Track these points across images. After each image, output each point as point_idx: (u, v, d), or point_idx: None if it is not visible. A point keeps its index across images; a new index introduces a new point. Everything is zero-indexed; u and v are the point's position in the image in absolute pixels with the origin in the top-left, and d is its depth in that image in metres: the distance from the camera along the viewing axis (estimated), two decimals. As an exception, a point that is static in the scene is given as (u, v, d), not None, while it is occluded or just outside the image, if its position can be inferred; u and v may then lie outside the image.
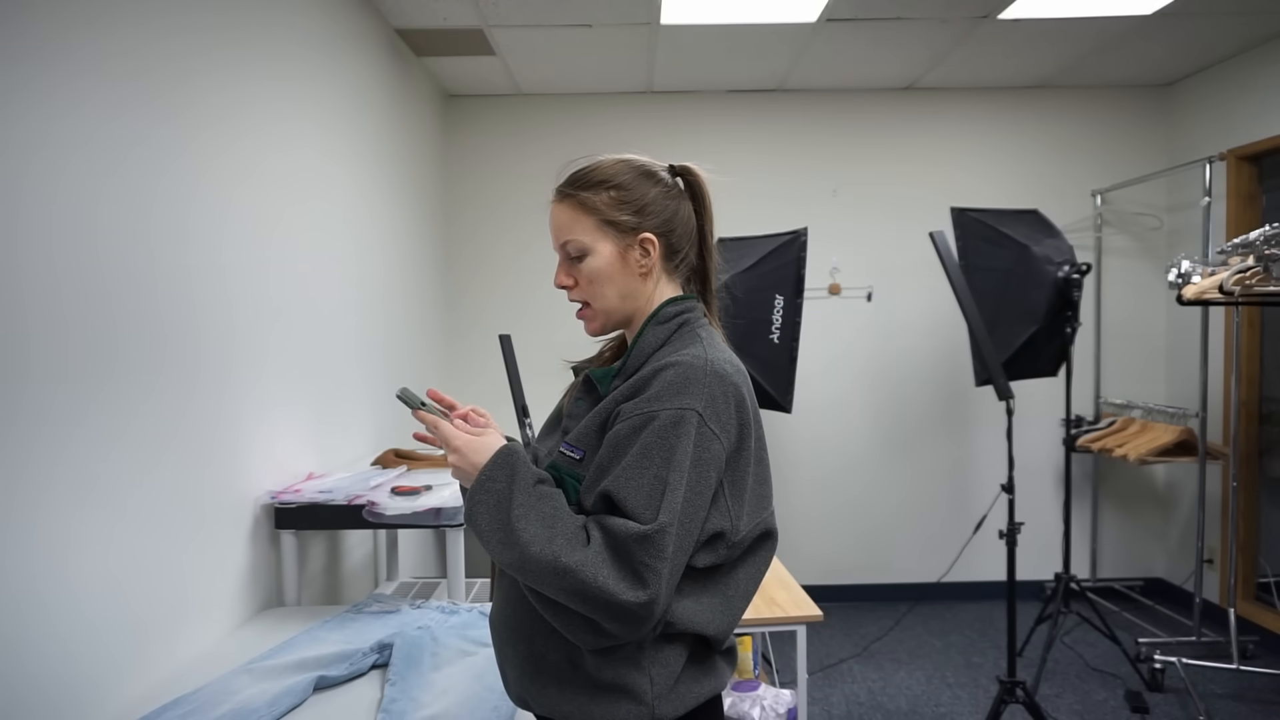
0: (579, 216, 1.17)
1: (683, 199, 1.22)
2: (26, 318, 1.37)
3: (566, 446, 1.13)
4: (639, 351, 1.16)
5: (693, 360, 1.09)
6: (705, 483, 1.05)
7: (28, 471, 1.37)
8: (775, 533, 1.20)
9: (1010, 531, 2.87)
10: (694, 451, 1.04)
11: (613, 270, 1.17)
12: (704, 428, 1.05)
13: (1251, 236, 2.64)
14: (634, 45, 3.68)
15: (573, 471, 1.11)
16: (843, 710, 3.23)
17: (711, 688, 1.14)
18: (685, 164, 1.24)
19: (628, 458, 1.04)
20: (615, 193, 1.16)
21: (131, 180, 1.66)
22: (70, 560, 1.47)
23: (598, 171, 1.19)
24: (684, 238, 1.21)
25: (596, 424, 1.12)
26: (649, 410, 1.05)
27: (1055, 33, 3.63)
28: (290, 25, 2.44)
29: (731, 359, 1.16)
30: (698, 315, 1.20)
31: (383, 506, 2.17)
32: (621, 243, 1.17)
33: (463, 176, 4.36)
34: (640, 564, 0.99)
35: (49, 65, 1.43)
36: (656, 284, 1.20)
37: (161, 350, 1.76)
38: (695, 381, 1.07)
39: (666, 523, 1.00)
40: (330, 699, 1.65)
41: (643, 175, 1.19)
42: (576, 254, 1.18)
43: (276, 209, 2.33)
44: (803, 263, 3.22)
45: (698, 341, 1.13)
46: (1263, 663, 3.49)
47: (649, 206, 1.17)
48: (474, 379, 4.34)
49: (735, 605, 1.15)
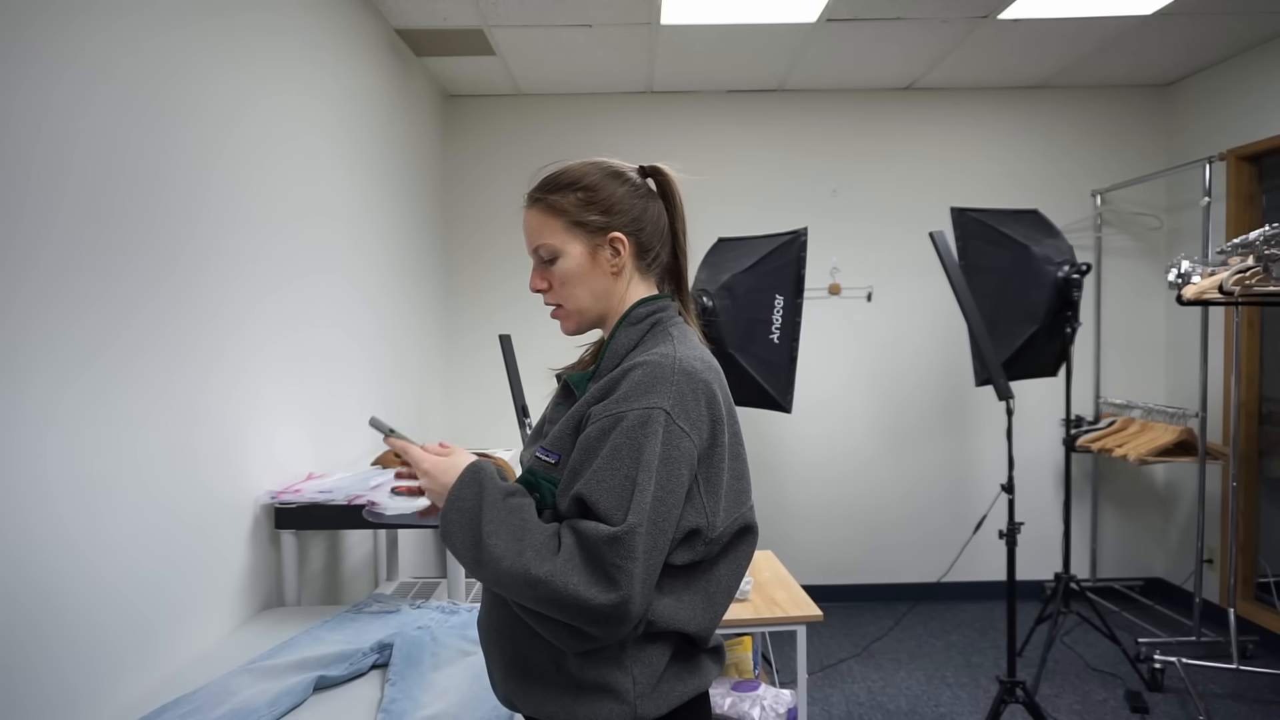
0: (548, 220, 1.19)
1: (652, 198, 1.22)
2: (29, 322, 1.38)
3: (542, 451, 1.15)
4: (612, 354, 1.17)
5: (660, 359, 1.09)
6: (676, 480, 1.05)
7: (28, 469, 1.37)
8: (755, 528, 1.21)
9: (1010, 531, 2.87)
10: (662, 450, 1.04)
11: (584, 271, 1.18)
12: (672, 425, 1.06)
13: (1251, 236, 2.64)
14: (634, 45, 3.68)
15: (549, 475, 1.12)
16: (843, 710, 3.23)
17: (696, 686, 1.15)
18: (655, 164, 1.24)
19: (598, 460, 1.05)
20: (583, 194, 1.18)
21: (132, 180, 1.66)
22: (70, 560, 1.47)
23: (565, 175, 1.20)
24: (655, 236, 1.22)
25: (570, 427, 1.13)
26: (617, 411, 1.06)
27: (1055, 33, 3.63)
28: (290, 25, 2.44)
29: (703, 356, 1.16)
30: (670, 314, 1.21)
31: (383, 506, 2.16)
32: (591, 243, 1.18)
33: (463, 176, 4.36)
34: (611, 565, 1.00)
35: (49, 65, 1.43)
36: (629, 283, 1.21)
37: (161, 350, 1.76)
38: (662, 380, 1.07)
39: (635, 523, 1.01)
40: (330, 699, 1.65)
41: (610, 176, 1.20)
42: (549, 257, 1.19)
43: (276, 208, 2.33)
44: (803, 263, 3.22)
45: (668, 340, 1.14)
46: (1263, 663, 3.50)
47: (616, 205, 1.18)
48: (474, 379, 4.34)
49: (717, 602, 1.15)
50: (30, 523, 1.38)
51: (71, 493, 1.47)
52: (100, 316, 1.56)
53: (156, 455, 1.73)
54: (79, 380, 1.50)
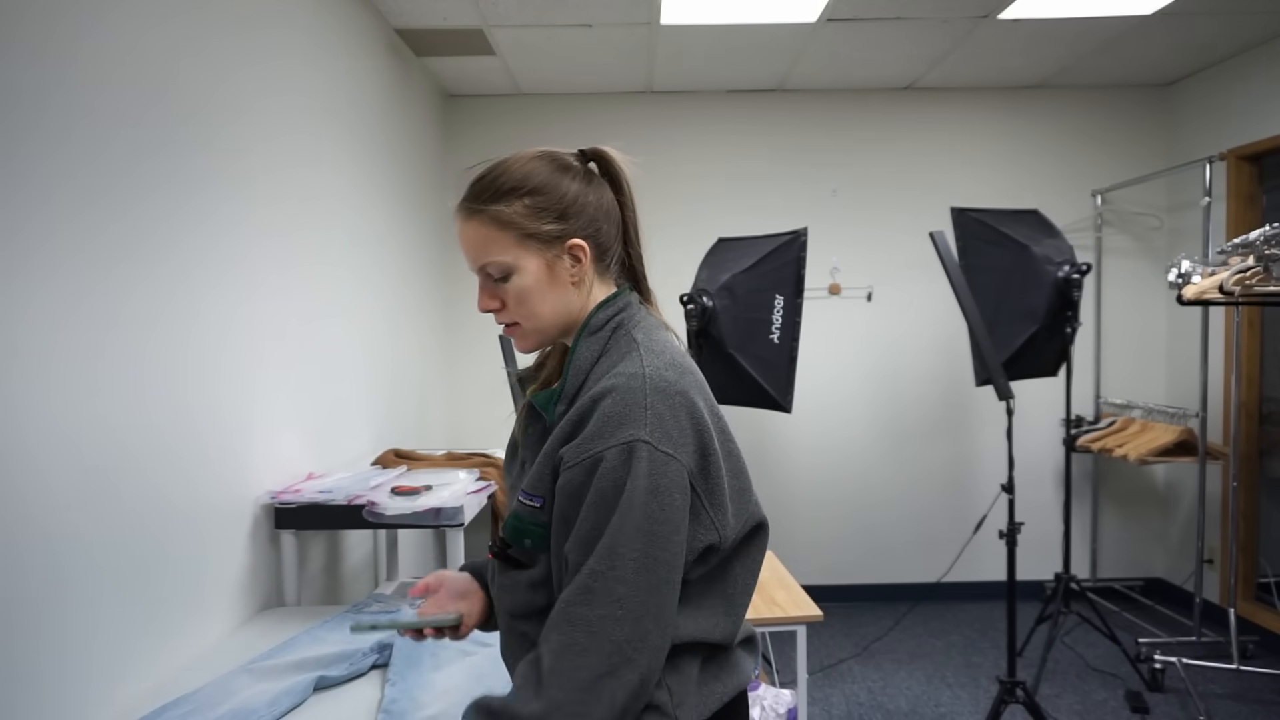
0: (494, 234, 1.05)
1: (600, 187, 1.11)
2: (25, 322, 1.37)
3: (524, 495, 1.06)
4: (576, 370, 1.06)
5: (629, 381, 1.00)
6: (670, 507, 0.97)
7: (28, 467, 1.37)
8: (765, 523, 1.15)
9: (1010, 531, 2.87)
10: (647, 482, 0.95)
11: (542, 286, 1.06)
12: (655, 453, 0.97)
13: (1251, 236, 2.64)
14: (634, 45, 3.68)
15: (536, 520, 1.04)
16: (843, 710, 3.23)
17: (735, 684, 1.10)
18: (596, 147, 1.13)
19: (583, 509, 0.97)
20: (530, 199, 1.05)
21: (133, 182, 1.66)
22: (70, 559, 1.47)
23: (506, 177, 1.07)
24: (610, 233, 1.11)
25: (548, 469, 1.04)
26: (593, 452, 0.97)
27: (1055, 33, 3.63)
28: (289, 25, 2.44)
29: (673, 359, 1.05)
30: (631, 314, 1.10)
31: (383, 506, 2.17)
32: (547, 254, 1.06)
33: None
34: (596, 619, 0.92)
35: (49, 66, 1.43)
36: (590, 290, 1.10)
37: (161, 350, 1.76)
38: (635, 405, 0.98)
39: (602, 568, 0.94)
40: (330, 699, 1.65)
41: (557, 171, 1.08)
42: (499, 275, 1.07)
43: (276, 207, 2.33)
44: (803, 263, 3.22)
45: (634, 350, 1.04)
46: (1263, 663, 3.49)
47: (570, 208, 1.06)
48: (474, 379, 4.34)
49: (737, 603, 1.11)
50: (30, 521, 1.38)
51: (72, 491, 1.47)
52: (100, 313, 1.56)
53: (156, 455, 1.73)
54: (79, 378, 1.50)
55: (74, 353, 1.49)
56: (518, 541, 1.07)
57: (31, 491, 1.38)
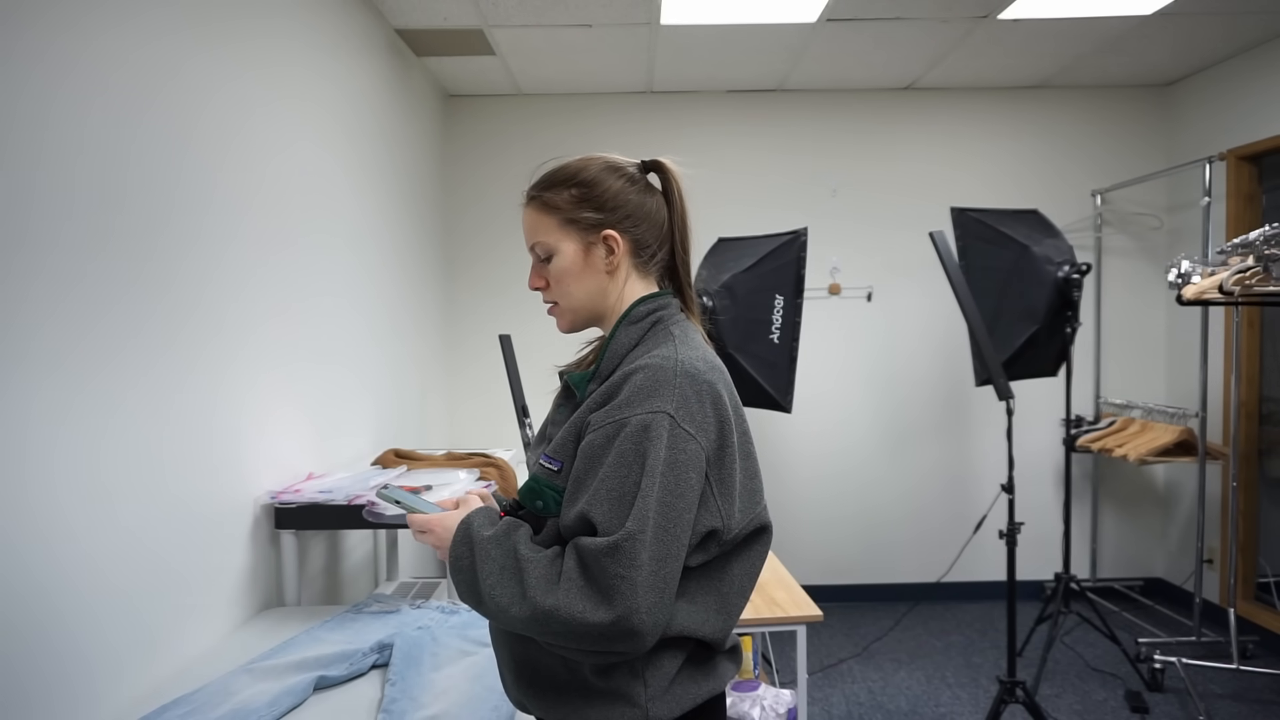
0: (543, 217, 1.17)
1: (650, 194, 1.20)
2: (29, 310, 1.38)
3: (545, 458, 1.12)
4: (612, 354, 1.14)
5: (662, 362, 1.07)
6: (685, 484, 1.02)
7: (27, 466, 1.37)
8: (770, 527, 1.19)
9: (1010, 531, 2.87)
10: (667, 454, 1.01)
11: (577, 269, 1.17)
12: (677, 429, 1.03)
13: (1251, 236, 2.64)
14: (634, 45, 3.68)
15: (552, 484, 1.10)
16: (843, 710, 3.23)
17: (710, 689, 1.13)
18: (657, 159, 1.22)
19: (602, 469, 1.03)
20: (577, 190, 1.16)
21: (136, 186, 1.66)
22: (71, 559, 1.47)
23: (562, 171, 1.18)
24: (652, 233, 1.19)
25: (572, 434, 1.10)
26: (619, 418, 1.04)
27: (1055, 33, 3.63)
28: (289, 25, 2.44)
29: (706, 356, 1.13)
30: (672, 312, 1.18)
31: (383, 506, 2.17)
32: (585, 240, 1.16)
33: (463, 176, 4.36)
34: (613, 577, 0.97)
35: (48, 65, 1.43)
36: (626, 282, 1.19)
37: (161, 350, 1.76)
38: (665, 383, 1.05)
39: (635, 529, 0.98)
40: (330, 699, 1.65)
41: (606, 170, 1.18)
42: (544, 255, 1.18)
43: (276, 207, 2.33)
44: (803, 263, 3.22)
45: (670, 340, 1.12)
46: (1263, 663, 3.50)
47: (610, 203, 1.16)
48: (474, 379, 4.34)
49: (731, 603, 1.13)
50: (34, 522, 1.38)
51: (75, 492, 1.47)
52: (100, 312, 1.56)
53: (157, 455, 1.73)
54: (83, 382, 1.50)
55: (74, 353, 1.49)
56: (531, 504, 1.13)
57: (31, 491, 1.38)
